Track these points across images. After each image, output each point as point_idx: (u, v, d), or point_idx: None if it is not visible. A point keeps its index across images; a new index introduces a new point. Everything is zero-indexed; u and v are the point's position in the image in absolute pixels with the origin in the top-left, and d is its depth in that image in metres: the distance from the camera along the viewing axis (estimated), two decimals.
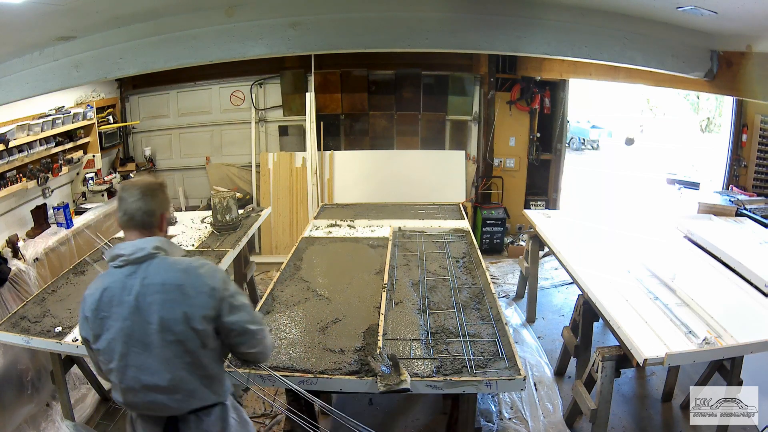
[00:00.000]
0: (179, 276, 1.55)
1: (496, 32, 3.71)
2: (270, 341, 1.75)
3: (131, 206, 1.59)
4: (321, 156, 5.80)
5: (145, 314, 1.52)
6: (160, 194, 1.65)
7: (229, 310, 1.58)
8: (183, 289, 1.53)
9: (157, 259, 1.57)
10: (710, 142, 12.87)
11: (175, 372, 1.56)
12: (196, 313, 1.53)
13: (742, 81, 3.81)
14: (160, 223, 1.64)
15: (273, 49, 3.67)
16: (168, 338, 1.53)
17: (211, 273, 1.60)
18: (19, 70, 3.59)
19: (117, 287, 1.55)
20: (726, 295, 2.87)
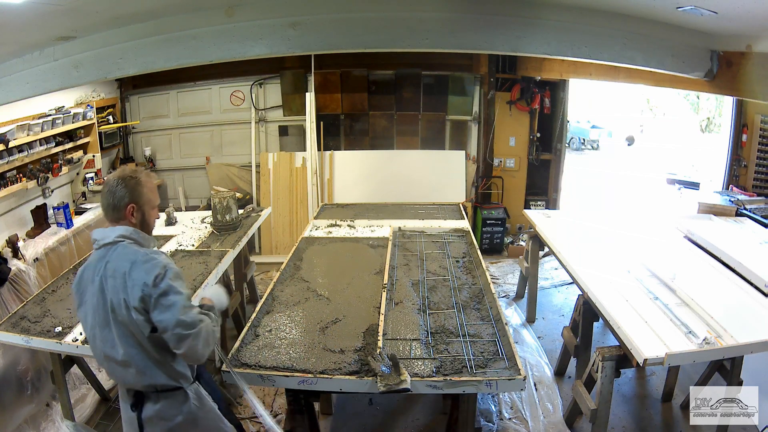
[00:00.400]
0: (126, 265, 1.67)
1: (496, 32, 3.71)
2: (201, 347, 1.67)
3: (102, 198, 1.78)
4: (321, 156, 5.81)
5: (104, 294, 1.69)
6: (130, 186, 1.74)
7: (156, 308, 1.63)
8: (125, 278, 1.65)
9: (119, 247, 1.72)
10: (710, 142, 12.87)
11: (126, 348, 1.70)
12: (130, 303, 1.65)
13: (742, 81, 3.81)
14: (128, 213, 1.75)
15: (273, 49, 3.67)
16: (117, 318, 1.68)
17: (150, 268, 1.65)
18: (19, 70, 3.59)
19: (91, 267, 1.75)
20: (726, 295, 2.87)
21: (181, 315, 1.64)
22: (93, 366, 3.31)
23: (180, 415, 1.80)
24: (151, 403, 1.78)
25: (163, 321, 1.64)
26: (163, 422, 1.79)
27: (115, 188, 1.73)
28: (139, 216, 1.78)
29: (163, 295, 1.63)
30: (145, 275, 1.64)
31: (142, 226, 1.80)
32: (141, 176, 1.78)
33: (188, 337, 1.64)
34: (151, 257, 1.69)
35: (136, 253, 1.70)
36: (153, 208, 1.85)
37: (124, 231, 1.74)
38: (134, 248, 1.72)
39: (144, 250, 1.74)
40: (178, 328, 1.63)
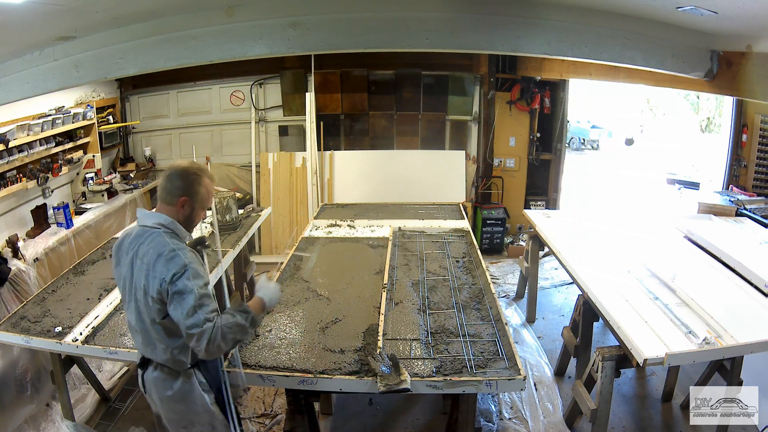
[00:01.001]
0: (154, 255, 1.76)
1: (496, 32, 3.71)
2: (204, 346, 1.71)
3: (162, 179, 1.88)
4: (321, 156, 5.81)
5: (132, 269, 1.82)
6: (190, 180, 1.84)
7: (171, 302, 1.73)
8: (149, 267, 1.76)
9: (155, 233, 1.81)
10: (710, 142, 12.87)
11: (137, 322, 1.86)
12: (149, 292, 1.77)
13: (742, 81, 3.81)
14: (180, 205, 1.84)
15: (273, 49, 3.66)
16: (135, 295, 1.82)
17: (172, 266, 1.74)
18: (19, 70, 3.59)
19: (129, 241, 1.87)
20: (726, 295, 2.87)
21: (188, 315, 1.71)
22: (93, 366, 3.32)
23: (170, 390, 1.92)
24: (151, 369, 1.94)
25: (175, 316, 1.74)
26: (157, 390, 1.94)
27: (177, 177, 1.84)
28: (188, 211, 1.87)
29: (177, 293, 1.72)
30: (166, 271, 1.72)
31: (186, 220, 1.89)
32: (204, 176, 1.87)
33: (193, 336, 1.72)
34: (176, 254, 1.76)
35: (165, 246, 1.77)
36: (203, 209, 1.92)
37: (164, 220, 1.83)
38: (166, 239, 1.80)
39: (173, 243, 1.79)
40: (185, 326, 1.72)
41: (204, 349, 1.72)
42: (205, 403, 1.97)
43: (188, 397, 1.94)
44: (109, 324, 2.60)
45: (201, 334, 1.70)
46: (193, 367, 1.94)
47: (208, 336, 1.70)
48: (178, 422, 1.99)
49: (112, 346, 2.40)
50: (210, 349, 1.72)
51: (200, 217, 1.93)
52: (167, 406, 1.96)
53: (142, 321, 1.83)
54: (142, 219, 1.87)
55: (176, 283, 1.71)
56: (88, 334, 2.48)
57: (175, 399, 1.93)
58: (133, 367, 3.06)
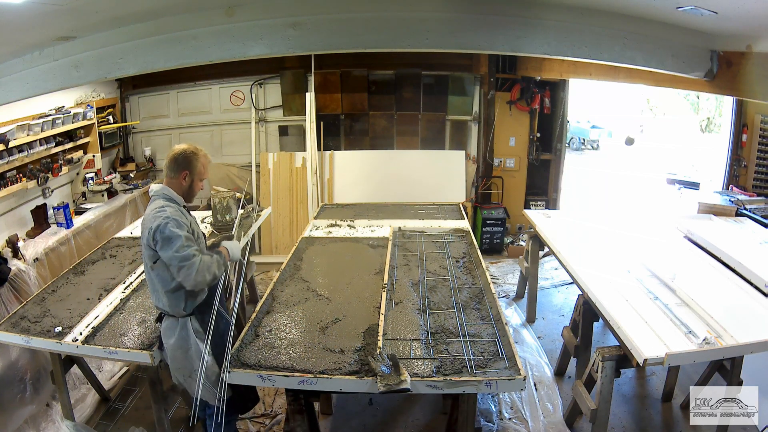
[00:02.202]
0: (149, 213, 2.21)
1: (496, 32, 3.71)
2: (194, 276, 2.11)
3: (167, 159, 2.31)
4: (321, 156, 5.81)
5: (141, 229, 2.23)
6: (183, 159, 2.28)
7: (161, 247, 2.13)
8: (144, 222, 2.20)
9: (155, 199, 2.27)
10: (710, 142, 12.87)
11: (146, 274, 2.30)
12: (143, 241, 2.21)
13: (742, 81, 3.81)
14: (182, 177, 2.29)
15: (273, 49, 3.66)
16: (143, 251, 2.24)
17: (159, 218, 2.14)
18: (19, 70, 3.59)
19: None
20: (726, 295, 2.87)
21: (176, 251, 2.10)
22: (93, 366, 3.32)
23: (173, 338, 2.29)
24: (163, 321, 2.33)
25: (165, 256, 2.12)
26: (165, 339, 2.32)
27: (178, 156, 2.28)
28: (189, 182, 2.31)
29: (166, 239, 2.11)
30: (154, 222, 2.14)
31: (188, 190, 2.33)
32: (199, 154, 2.32)
33: (183, 268, 2.10)
34: (163, 209, 2.18)
35: (157, 205, 2.21)
36: (200, 180, 2.36)
37: (164, 189, 2.29)
38: (161, 201, 2.24)
39: (164, 204, 2.22)
40: (175, 260, 2.10)
41: (192, 279, 2.11)
42: (200, 350, 2.27)
43: (185, 344, 2.28)
44: (109, 324, 2.60)
45: (190, 266, 2.10)
46: (190, 315, 2.28)
47: (196, 267, 2.11)
48: (182, 370, 2.33)
49: (112, 346, 2.40)
50: (197, 278, 2.12)
51: (198, 187, 2.37)
52: (172, 354, 2.31)
53: (147, 272, 2.26)
54: (152, 189, 2.33)
55: (164, 231, 2.11)
56: (88, 334, 2.49)
57: (176, 346, 2.29)
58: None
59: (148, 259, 2.21)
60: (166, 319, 2.31)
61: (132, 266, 3.31)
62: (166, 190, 2.28)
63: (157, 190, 2.30)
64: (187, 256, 2.11)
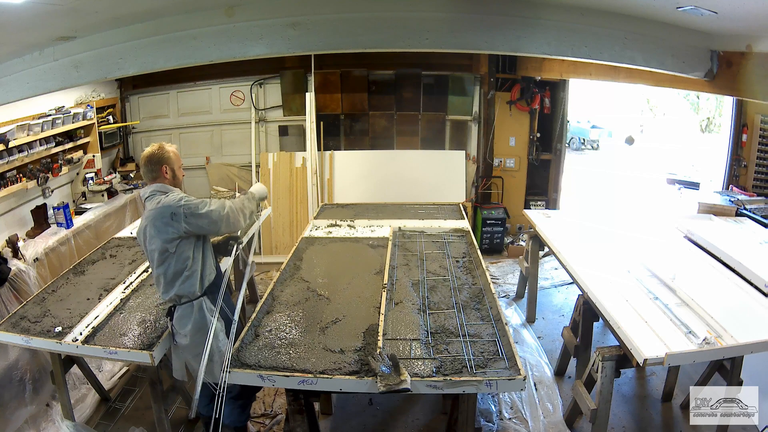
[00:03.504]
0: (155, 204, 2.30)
1: (496, 32, 3.70)
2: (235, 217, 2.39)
3: (142, 167, 2.43)
4: (321, 156, 5.81)
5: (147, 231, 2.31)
6: (156, 156, 2.39)
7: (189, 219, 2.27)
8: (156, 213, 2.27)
9: (153, 197, 2.35)
10: (710, 142, 12.88)
11: (156, 270, 2.36)
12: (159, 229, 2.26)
13: (742, 81, 3.81)
14: (163, 172, 2.40)
15: (273, 49, 3.66)
16: (150, 248, 2.31)
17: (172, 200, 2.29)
18: (19, 70, 3.59)
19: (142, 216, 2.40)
20: (726, 295, 2.87)
21: (210, 210, 2.31)
22: (93, 366, 3.32)
23: (190, 323, 2.38)
24: (175, 312, 2.41)
25: (199, 223, 2.29)
26: (181, 327, 2.40)
27: (150, 158, 2.38)
28: (171, 173, 2.43)
29: (191, 212, 2.27)
30: (170, 204, 2.27)
31: (173, 180, 2.45)
32: (165, 146, 2.44)
33: (221, 219, 2.33)
34: (170, 192, 2.36)
35: (162, 195, 2.35)
36: (179, 167, 2.49)
37: (156, 186, 2.39)
38: (161, 195, 2.35)
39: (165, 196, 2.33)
40: (214, 217, 2.31)
41: (233, 222, 2.38)
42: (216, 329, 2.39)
43: (203, 326, 2.39)
44: (109, 324, 2.60)
45: (227, 214, 2.35)
46: (202, 296, 2.40)
47: (231, 212, 2.37)
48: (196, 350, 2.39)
49: (112, 346, 2.40)
50: (235, 219, 2.39)
51: (180, 174, 2.49)
52: (191, 341, 2.39)
53: (158, 267, 2.32)
54: (143, 193, 2.41)
55: (186, 206, 2.27)
56: (88, 334, 2.49)
57: (194, 330, 2.38)
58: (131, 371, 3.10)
59: (169, 244, 2.27)
60: (179, 308, 2.39)
61: (132, 266, 3.31)
62: (160, 187, 2.38)
63: (151, 189, 2.38)
64: (220, 208, 2.35)
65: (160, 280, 2.37)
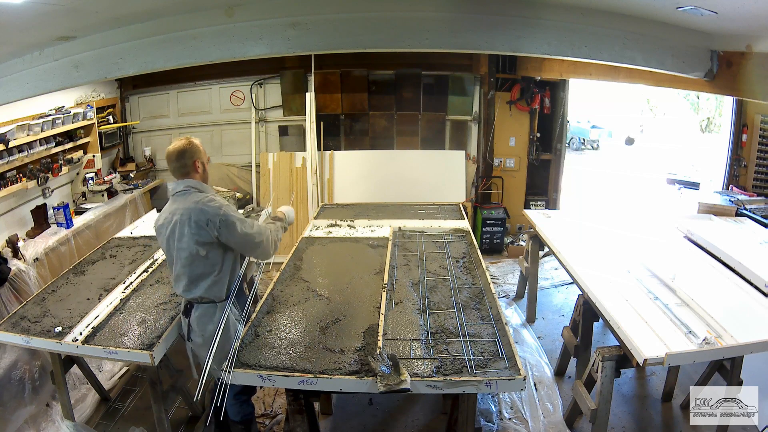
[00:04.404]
0: (192, 205, 2.25)
1: (496, 32, 3.70)
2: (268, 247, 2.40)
3: (171, 162, 2.35)
4: (321, 156, 5.81)
5: (174, 228, 2.28)
6: (189, 151, 2.34)
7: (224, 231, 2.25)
8: (191, 214, 2.23)
9: (188, 194, 2.31)
10: (710, 142, 12.89)
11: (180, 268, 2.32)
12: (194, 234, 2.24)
13: (742, 81, 3.81)
14: (193, 169, 2.35)
15: (273, 49, 3.66)
16: (180, 247, 2.28)
17: (212, 207, 2.24)
18: (19, 70, 3.59)
19: (166, 211, 2.36)
20: (726, 295, 2.87)
21: (251, 230, 2.32)
22: (93, 366, 3.32)
23: (211, 324, 2.37)
24: (194, 310, 2.39)
25: (233, 238, 2.27)
26: (200, 326, 2.39)
27: (181, 152, 2.32)
28: (202, 166, 2.40)
29: (230, 224, 2.24)
30: (210, 212, 2.22)
31: (204, 174, 2.42)
32: (193, 140, 2.39)
33: (260, 243, 2.35)
34: (212, 199, 2.29)
35: (201, 196, 2.28)
36: (208, 160, 2.46)
37: (191, 183, 2.33)
38: (198, 194, 2.30)
39: (206, 194, 2.31)
40: (253, 238, 2.32)
41: (270, 250, 2.41)
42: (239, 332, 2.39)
43: (224, 329, 2.34)
44: (109, 324, 2.60)
45: (261, 242, 2.36)
46: (226, 299, 2.39)
47: (267, 242, 2.38)
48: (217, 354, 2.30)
49: (112, 346, 2.40)
50: (266, 249, 2.39)
51: (208, 168, 2.48)
52: (207, 341, 2.34)
53: (185, 265, 2.29)
54: (175, 187, 2.34)
55: (224, 218, 2.23)
56: (88, 334, 2.48)
57: (214, 331, 2.33)
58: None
59: (201, 247, 2.25)
60: (199, 307, 2.38)
61: (132, 266, 3.31)
62: (194, 183, 2.34)
63: (185, 185, 2.32)
64: (261, 231, 2.37)
65: (182, 278, 2.34)
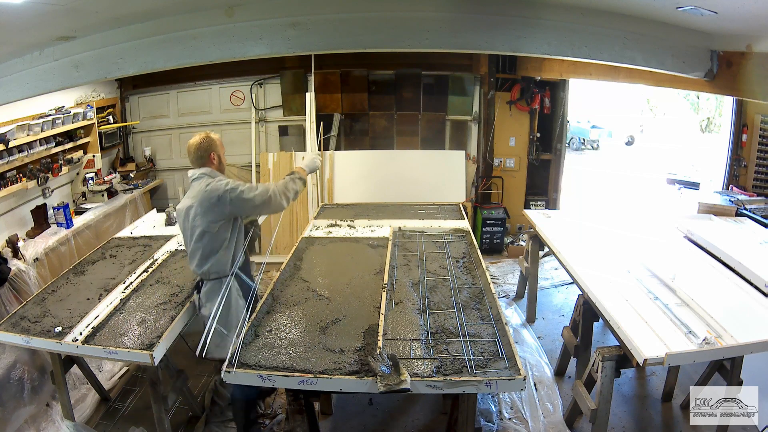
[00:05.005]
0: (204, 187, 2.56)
1: (496, 32, 3.70)
2: (280, 200, 2.64)
3: (191, 153, 2.70)
4: (321, 156, 5.80)
5: (189, 213, 2.60)
6: (205, 144, 2.68)
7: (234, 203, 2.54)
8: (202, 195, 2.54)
9: (200, 179, 2.63)
10: (710, 142, 12.89)
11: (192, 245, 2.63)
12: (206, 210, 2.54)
13: (742, 81, 3.81)
14: (209, 160, 2.69)
15: (273, 49, 3.66)
16: (195, 224, 2.58)
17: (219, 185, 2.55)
18: (19, 70, 3.59)
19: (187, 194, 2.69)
20: (726, 295, 2.87)
21: (254, 193, 2.56)
22: (93, 366, 3.32)
23: (217, 298, 2.60)
24: (204, 286, 2.71)
25: (243, 206, 2.57)
26: (209, 299, 2.67)
27: (199, 145, 2.66)
28: (218, 159, 2.72)
29: (236, 197, 2.53)
30: (218, 189, 2.53)
31: (220, 166, 2.73)
32: (210, 134, 2.74)
33: (265, 201, 2.59)
34: (219, 179, 2.61)
35: (210, 179, 2.61)
36: (223, 153, 2.78)
37: (204, 170, 2.66)
38: (209, 179, 2.61)
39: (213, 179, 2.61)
40: (257, 200, 2.57)
41: (275, 204, 2.63)
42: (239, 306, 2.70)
43: (228, 301, 2.65)
44: (109, 324, 2.60)
45: (269, 197, 2.59)
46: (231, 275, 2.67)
47: (274, 196, 2.61)
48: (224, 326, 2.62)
49: (112, 346, 2.40)
50: (277, 202, 2.63)
51: (224, 160, 2.79)
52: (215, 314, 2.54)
53: (196, 243, 2.59)
54: (192, 174, 2.67)
55: (231, 190, 2.52)
56: (88, 334, 2.49)
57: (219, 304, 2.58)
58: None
59: (213, 224, 2.55)
60: (208, 283, 2.69)
61: (132, 266, 3.31)
62: (207, 171, 2.65)
63: (200, 172, 2.65)
64: (263, 192, 2.60)
65: (196, 254, 2.63)
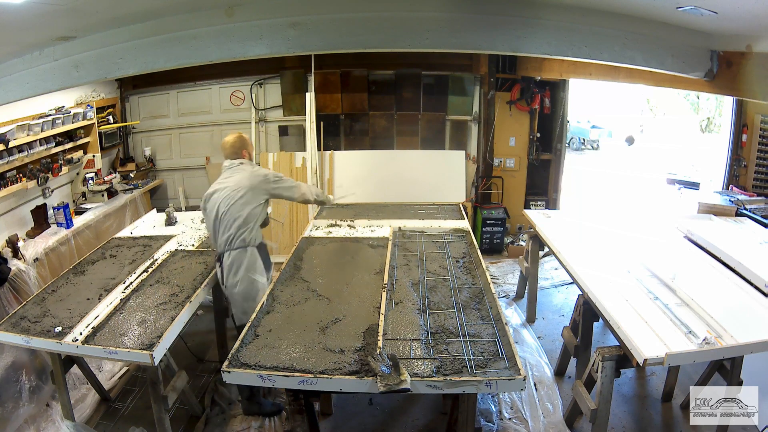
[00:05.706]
0: (248, 173, 3.07)
1: (496, 32, 3.71)
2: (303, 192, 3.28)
3: (226, 149, 3.17)
4: (321, 156, 5.81)
5: (230, 191, 2.99)
6: (239, 142, 3.16)
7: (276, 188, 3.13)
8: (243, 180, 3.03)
9: (245, 164, 3.14)
10: (710, 142, 12.89)
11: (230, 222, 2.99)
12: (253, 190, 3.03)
13: (742, 81, 3.81)
14: (244, 154, 3.17)
15: (273, 49, 3.66)
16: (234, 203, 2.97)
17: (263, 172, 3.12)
18: (19, 70, 3.59)
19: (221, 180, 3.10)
20: (726, 295, 2.87)
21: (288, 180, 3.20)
22: (93, 366, 3.32)
23: (242, 266, 3.01)
24: (226, 257, 3.02)
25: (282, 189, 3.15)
26: (233, 268, 3.01)
27: (235, 142, 3.15)
28: (248, 155, 3.19)
29: (277, 181, 3.13)
30: (264, 175, 3.10)
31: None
32: (242, 134, 3.23)
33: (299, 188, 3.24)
34: (260, 168, 3.16)
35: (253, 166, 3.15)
36: (253, 150, 3.30)
37: (242, 160, 3.15)
38: (250, 166, 3.13)
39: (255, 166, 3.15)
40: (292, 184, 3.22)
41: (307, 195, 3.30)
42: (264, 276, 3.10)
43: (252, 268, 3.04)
44: (109, 324, 2.60)
45: (303, 186, 3.28)
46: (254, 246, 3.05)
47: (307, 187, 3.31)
48: (246, 294, 3.03)
49: (112, 346, 2.40)
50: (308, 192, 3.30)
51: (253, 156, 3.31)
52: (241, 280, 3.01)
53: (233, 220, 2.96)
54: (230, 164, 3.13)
55: (275, 175, 3.13)
56: (88, 334, 2.49)
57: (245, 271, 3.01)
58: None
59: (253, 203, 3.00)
60: (231, 253, 2.99)
61: (132, 266, 3.31)
62: (245, 160, 3.15)
63: (240, 161, 3.13)
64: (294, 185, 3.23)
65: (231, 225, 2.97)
